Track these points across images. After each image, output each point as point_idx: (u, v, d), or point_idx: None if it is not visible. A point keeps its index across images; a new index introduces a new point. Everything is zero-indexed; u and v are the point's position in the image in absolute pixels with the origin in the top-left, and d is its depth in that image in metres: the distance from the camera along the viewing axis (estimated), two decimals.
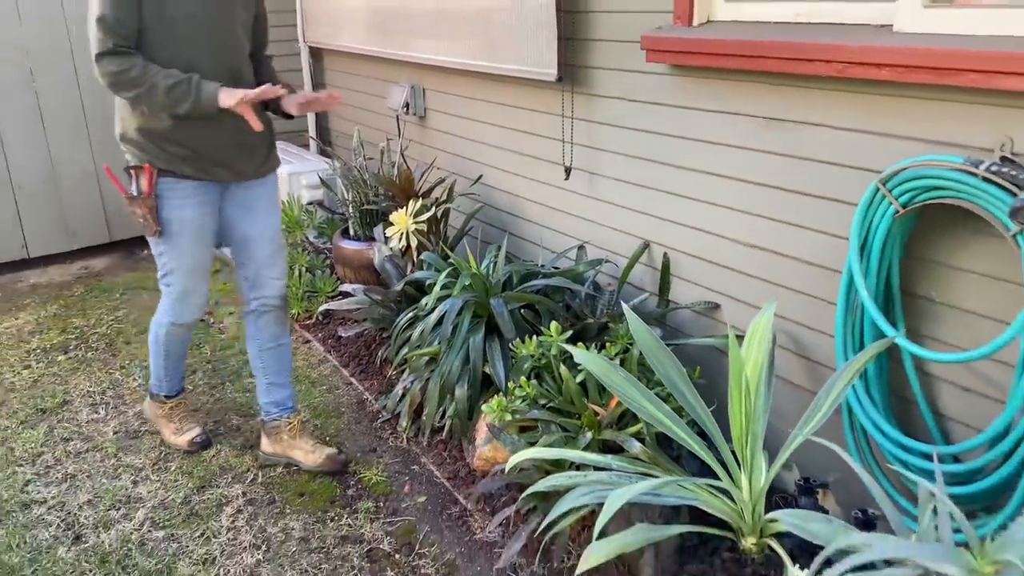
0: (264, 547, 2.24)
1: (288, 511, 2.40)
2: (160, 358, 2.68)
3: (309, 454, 2.61)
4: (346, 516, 2.35)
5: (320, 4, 4.45)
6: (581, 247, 2.93)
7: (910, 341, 1.83)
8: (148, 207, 2.32)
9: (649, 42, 2.38)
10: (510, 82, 3.10)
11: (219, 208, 2.45)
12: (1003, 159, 1.61)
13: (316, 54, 4.83)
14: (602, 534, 1.87)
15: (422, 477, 2.54)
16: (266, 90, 2.18)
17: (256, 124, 2.20)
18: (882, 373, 1.95)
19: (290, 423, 2.64)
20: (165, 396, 2.75)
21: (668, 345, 2.14)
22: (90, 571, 2.15)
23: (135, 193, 2.31)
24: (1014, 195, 1.53)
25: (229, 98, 2.16)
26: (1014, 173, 1.55)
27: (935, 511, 1.40)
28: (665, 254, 2.59)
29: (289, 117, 2.45)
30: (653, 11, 2.42)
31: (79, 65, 4.35)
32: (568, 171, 2.91)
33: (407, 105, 3.82)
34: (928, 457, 1.84)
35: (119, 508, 2.42)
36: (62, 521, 2.37)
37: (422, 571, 2.13)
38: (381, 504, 2.41)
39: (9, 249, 4.43)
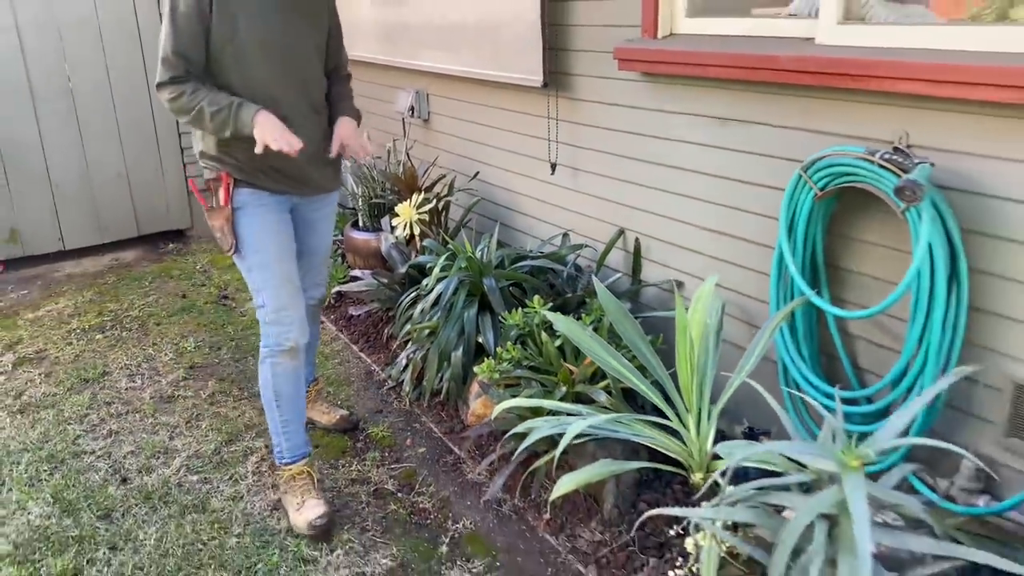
0: None
1: None
2: (273, 407, 2.42)
3: (324, 415, 2.93)
4: (355, 463, 2.71)
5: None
6: (565, 234, 3.28)
7: (831, 304, 2.17)
8: (225, 218, 2.29)
9: (620, 52, 2.74)
10: (503, 88, 3.46)
11: (291, 221, 2.45)
12: (895, 149, 1.96)
13: None
14: (571, 468, 2.23)
15: (422, 432, 2.89)
16: (292, 145, 2.14)
17: (291, 150, 2.14)
18: (811, 334, 2.29)
19: (307, 392, 2.89)
20: (286, 462, 2.46)
21: (637, 318, 2.49)
22: (136, 504, 2.51)
23: (215, 204, 2.31)
24: (899, 177, 1.87)
25: (260, 130, 2.13)
26: (900, 160, 1.89)
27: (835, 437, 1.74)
28: (637, 239, 2.94)
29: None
30: (624, 25, 2.77)
31: (112, 72, 4.74)
32: (554, 167, 3.27)
33: (412, 109, 4.19)
34: (847, 402, 2.18)
35: (158, 457, 2.78)
36: (109, 467, 2.73)
37: (420, 506, 2.48)
38: (386, 454, 2.77)
39: (47, 242, 4.82)
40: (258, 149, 2.14)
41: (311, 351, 2.87)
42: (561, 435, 2.14)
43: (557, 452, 2.02)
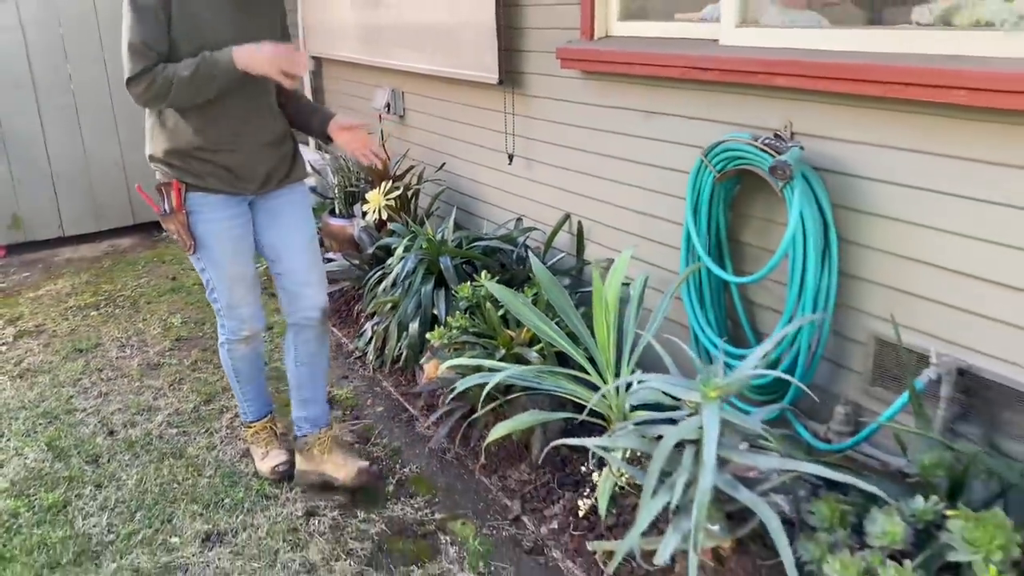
0: None
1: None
2: (234, 382, 2.65)
3: (340, 468, 2.54)
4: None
5: (318, 19, 5.13)
6: (519, 219, 3.58)
7: (731, 274, 2.47)
8: (180, 223, 2.35)
9: (562, 52, 3.04)
10: (466, 85, 3.76)
11: (250, 220, 2.48)
12: (775, 135, 2.26)
13: (316, 62, 5.53)
14: (505, 418, 2.52)
15: (382, 395, 3.19)
16: (285, 50, 2.22)
17: (287, 82, 2.26)
18: (717, 303, 2.59)
19: (320, 439, 2.60)
20: (250, 421, 2.72)
21: (577, 293, 2.79)
22: (120, 452, 2.82)
23: (166, 210, 2.35)
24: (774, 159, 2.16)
25: (249, 57, 2.19)
26: (777, 144, 2.19)
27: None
28: (579, 222, 3.24)
29: (328, 140, 2.56)
30: (566, 28, 3.08)
31: (109, 68, 5.06)
32: (511, 158, 3.57)
33: (388, 106, 4.50)
34: (743, 358, 2.47)
35: (142, 414, 3.08)
36: (98, 422, 3.03)
37: (374, 454, 2.78)
38: (348, 413, 3.07)
39: (48, 228, 5.14)
40: (287, 83, 2.26)
41: (320, 387, 2.64)
42: (499, 389, 2.44)
43: (484, 392, 2.33)
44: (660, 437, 2.05)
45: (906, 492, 1.74)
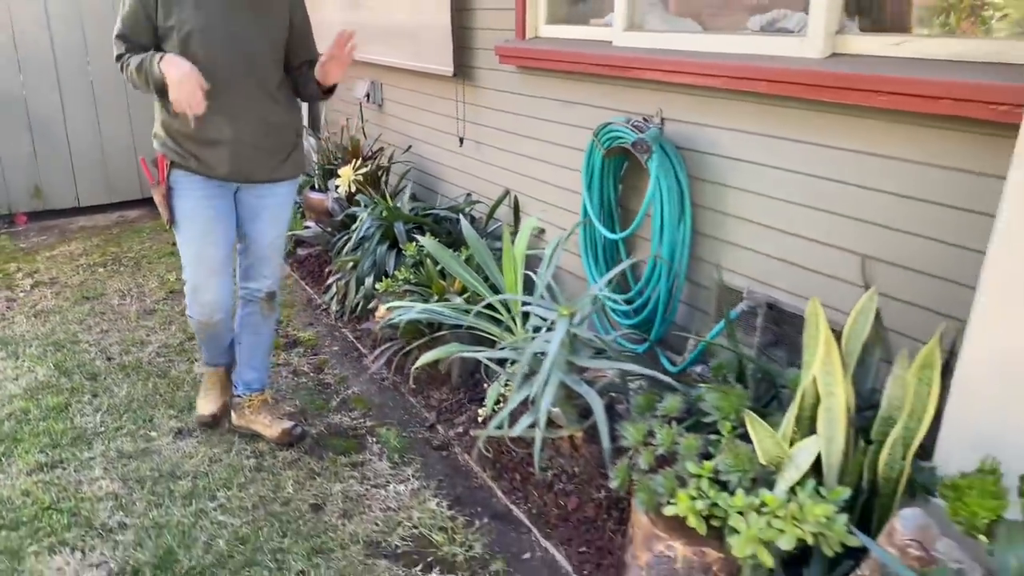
0: None
1: None
2: (200, 339, 2.89)
3: (267, 428, 2.81)
4: (283, 354, 3.55)
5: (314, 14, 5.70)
6: (468, 194, 4.13)
7: (612, 232, 3.00)
8: (161, 195, 2.53)
9: (500, 50, 3.58)
10: (428, 77, 4.31)
11: (234, 209, 2.62)
12: (643, 119, 2.79)
13: None
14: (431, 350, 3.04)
15: (339, 338, 3.74)
16: (190, 86, 2.25)
17: (186, 106, 2.26)
18: (609, 260, 3.11)
19: (251, 401, 2.86)
20: (205, 363, 2.95)
21: None
22: (115, 372, 3.37)
23: (155, 183, 2.56)
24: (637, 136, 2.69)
25: (170, 66, 2.26)
26: (643, 126, 2.72)
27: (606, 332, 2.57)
28: (515, 196, 3.78)
29: (331, 90, 2.68)
30: (505, 29, 3.62)
31: None
32: (461, 140, 4.12)
33: (368, 95, 5.06)
34: (627, 306, 3.00)
35: (136, 346, 3.64)
36: (99, 351, 3.59)
37: (324, 380, 3.33)
38: (308, 351, 3.61)
39: (65, 199, 5.73)
40: (171, 95, 2.26)
41: (260, 355, 2.87)
42: (431, 325, 3.00)
43: (404, 320, 2.86)
44: (543, 353, 2.59)
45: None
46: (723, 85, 2.51)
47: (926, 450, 1.84)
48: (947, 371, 1.78)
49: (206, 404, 2.93)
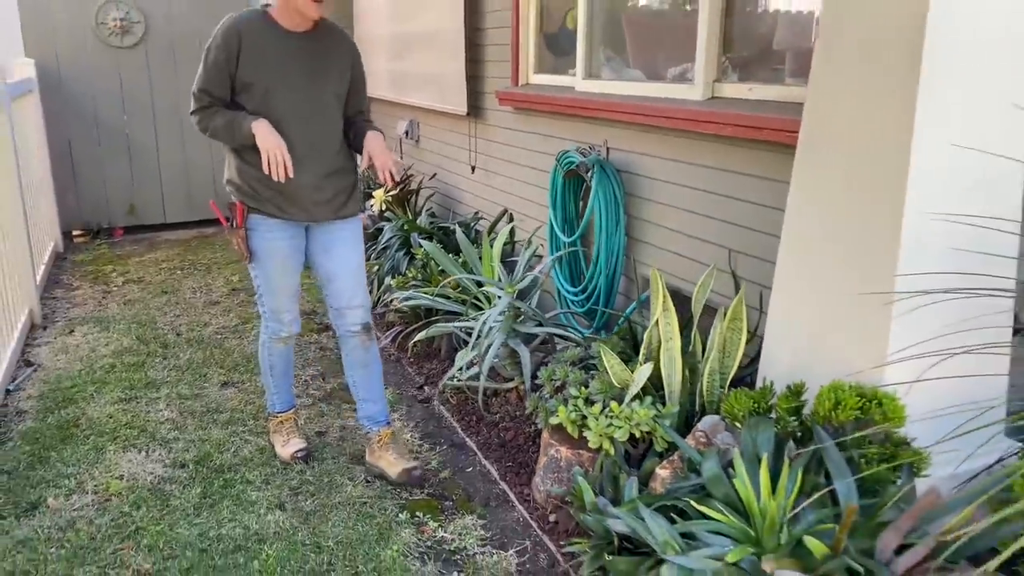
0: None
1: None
2: (267, 375, 3.02)
3: (391, 465, 2.89)
4: (315, 336, 4.38)
5: (369, 65, 6.66)
6: (476, 212, 4.92)
7: (570, 238, 3.73)
8: (240, 237, 2.73)
9: (499, 94, 4.40)
10: (450, 116, 5.16)
11: (304, 244, 2.83)
12: (590, 147, 3.54)
13: None
14: (425, 329, 3.81)
15: None
16: (279, 165, 2.51)
17: (276, 168, 2.50)
18: (571, 265, 3.84)
19: (379, 436, 2.95)
20: (276, 412, 3.09)
21: (506, 261, 4.08)
22: (182, 344, 4.25)
23: (231, 225, 2.74)
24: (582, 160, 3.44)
25: (262, 136, 2.51)
26: (586, 152, 3.47)
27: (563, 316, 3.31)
28: (511, 214, 4.55)
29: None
30: (504, 77, 4.44)
31: None
32: (473, 168, 4.93)
33: (407, 132, 5.95)
34: (579, 295, 3.72)
35: (200, 327, 4.53)
36: (171, 329, 4.49)
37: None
38: (333, 334, 4.42)
39: (154, 216, 6.78)
40: (264, 161, 2.51)
41: (375, 387, 3.00)
42: (429, 311, 3.78)
43: (402, 304, 3.64)
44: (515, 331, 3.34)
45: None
46: (644, 121, 3.25)
47: (752, 382, 2.51)
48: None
49: (291, 444, 3.02)
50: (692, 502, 2.00)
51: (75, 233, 6.65)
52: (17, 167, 4.46)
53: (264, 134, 2.53)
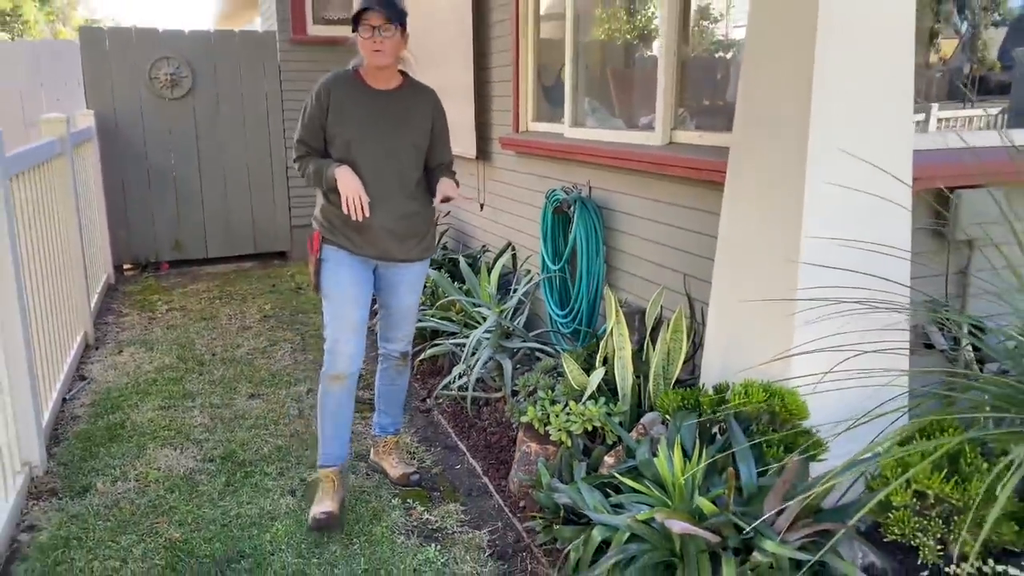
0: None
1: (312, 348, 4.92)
2: (319, 419, 3.00)
3: (392, 468, 3.26)
4: None
5: None
6: (483, 246, 5.40)
7: (560, 269, 4.17)
8: (314, 263, 2.92)
9: (501, 140, 4.89)
10: (463, 159, 5.66)
11: (372, 281, 3.01)
12: (573, 186, 3.99)
13: None
14: (429, 348, 4.27)
15: (372, 346, 5.03)
16: (357, 208, 2.70)
17: (355, 209, 2.70)
18: (560, 290, 4.27)
19: (386, 442, 3.32)
20: (320, 465, 3.01)
21: (501, 288, 4.54)
22: (216, 362, 4.75)
23: (311, 254, 2.95)
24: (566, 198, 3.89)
25: (341, 182, 2.72)
26: (569, 190, 3.92)
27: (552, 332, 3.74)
28: (513, 246, 5.01)
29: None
30: (507, 125, 4.93)
31: (248, 149, 7.32)
32: (482, 206, 5.41)
33: None
34: (566, 317, 4.14)
35: (233, 348, 5.03)
36: (207, 350, 5.01)
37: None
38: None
39: (197, 251, 7.38)
40: (343, 202, 2.71)
41: (395, 404, 3.30)
42: (435, 332, 4.23)
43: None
44: (505, 347, 3.78)
45: None
46: (618, 163, 3.70)
47: (695, 383, 2.90)
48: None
49: (324, 504, 2.92)
50: (625, 479, 2.40)
51: (126, 266, 7.27)
52: (77, 208, 5.06)
53: (345, 179, 2.74)
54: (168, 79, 6.96)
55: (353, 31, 2.78)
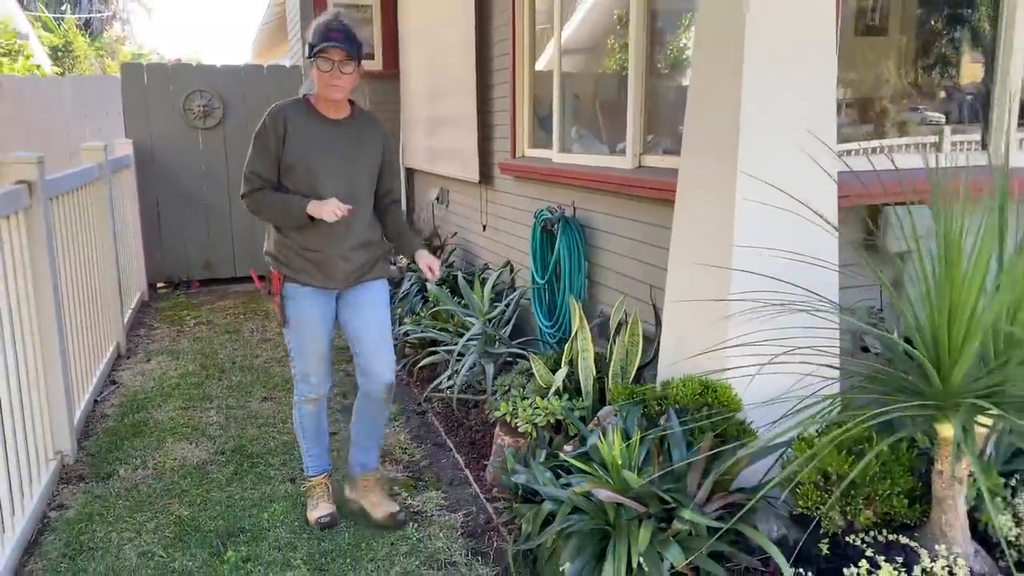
0: None
1: None
2: (300, 436, 3.18)
3: (375, 506, 3.14)
4: (346, 365, 5.22)
5: (408, 142, 7.66)
6: (485, 264, 5.74)
7: (547, 283, 4.49)
8: (277, 304, 2.96)
9: (500, 165, 5.25)
10: (468, 183, 6.04)
11: (335, 308, 3.03)
12: (559, 206, 4.33)
13: (408, 171, 8.05)
14: (427, 356, 4.61)
15: None
16: (343, 209, 2.75)
17: (344, 212, 2.74)
18: (548, 301, 4.59)
19: (366, 480, 3.20)
20: (308, 476, 3.20)
21: (498, 302, 4.88)
22: (235, 369, 5.14)
23: (269, 292, 2.98)
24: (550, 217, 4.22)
25: (316, 210, 2.75)
26: (554, 210, 4.26)
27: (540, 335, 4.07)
28: (511, 264, 5.35)
29: (412, 259, 3.13)
30: (506, 151, 5.30)
31: None
32: (484, 227, 5.77)
33: (438, 198, 6.86)
34: (552, 327, 4.45)
35: (252, 358, 5.43)
36: (228, 359, 5.40)
37: None
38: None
39: (226, 271, 7.84)
40: (328, 218, 2.73)
41: (376, 437, 3.21)
42: (433, 342, 4.58)
43: (410, 336, 4.45)
44: (489, 352, 4.11)
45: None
46: (596, 185, 4.03)
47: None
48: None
49: (318, 509, 3.13)
50: (575, 462, 2.71)
51: (159, 285, 7.75)
52: (113, 229, 5.52)
53: (318, 207, 2.76)
54: (201, 110, 7.46)
55: (308, 57, 2.81)
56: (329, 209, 2.76)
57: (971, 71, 3.84)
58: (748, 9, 2.65)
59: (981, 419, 2.21)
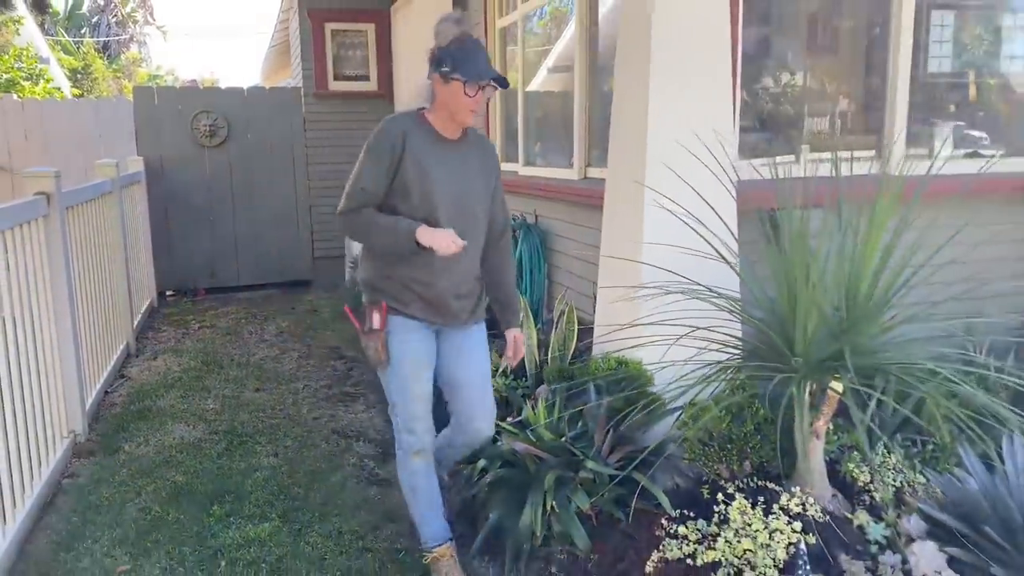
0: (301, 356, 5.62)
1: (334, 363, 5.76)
2: (411, 500, 2.78)
3: None
4: (341, 364, 5.68)
5: None
6: None
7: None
8: (380, 340, 2.57)
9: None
10: None
11: (436, 348, 2.71)
12: (522, 214, 4.79)
13: None
14: None
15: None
16: (453, 242, 2.43)
17: (459, 248, 2.44)
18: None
19: (440, 553, 2.75)
20: (429, 547, 2.75)
21: None
22: (232, 365, 5.63)
23: (370, 327, 2.58)
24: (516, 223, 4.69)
25: (429, 238, 2.42)
26: (517, 218, 4.73)
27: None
28: None
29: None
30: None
31: (272, 188, 8.31)
32: None
33: None
34: None
35: (249, 355, 5.90)
36: (226, 356, 5.89)
37: (355, 378, 5.41)
38: (363, 371, 5.73)
39: (230, 279, 8.35)
40: (441, 250, 2.41)
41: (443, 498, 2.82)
42: None
43: None
44: None
45: None
46: (553, 195, 4.50)
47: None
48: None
49: None
50: (508, 427, 3.16)
51: (168, 292, 8.27)
52: (124, 239, 6.03)
53: (431, 235, 2.44)
54: (207, 129, 8.00)
55: (450, 79, 2.46)
56: (444, 240, 2.45)
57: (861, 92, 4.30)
58: (653, 9, 3.12)
59: (834, 384, 2.65)
